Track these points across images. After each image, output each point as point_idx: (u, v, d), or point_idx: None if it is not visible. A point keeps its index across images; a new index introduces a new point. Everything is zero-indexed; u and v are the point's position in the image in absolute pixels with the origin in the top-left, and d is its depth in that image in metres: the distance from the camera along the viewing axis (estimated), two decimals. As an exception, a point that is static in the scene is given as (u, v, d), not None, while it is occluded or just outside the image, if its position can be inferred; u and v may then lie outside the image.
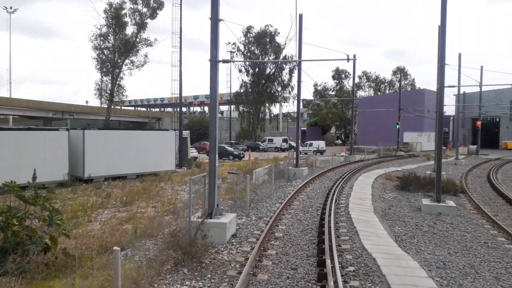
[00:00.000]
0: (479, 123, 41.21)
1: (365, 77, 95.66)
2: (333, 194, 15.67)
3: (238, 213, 13.39)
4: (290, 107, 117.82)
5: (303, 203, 14.74)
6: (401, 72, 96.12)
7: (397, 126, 47.62)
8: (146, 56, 59.27)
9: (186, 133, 32.21)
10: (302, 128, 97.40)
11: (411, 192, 18.82)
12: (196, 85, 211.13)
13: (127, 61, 57.66)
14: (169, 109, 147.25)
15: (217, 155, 10.51)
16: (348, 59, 9.85)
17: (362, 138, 70.80)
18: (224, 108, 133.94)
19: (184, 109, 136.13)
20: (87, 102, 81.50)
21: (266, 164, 31.05)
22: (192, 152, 36.85)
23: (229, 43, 64.98)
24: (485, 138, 76.58)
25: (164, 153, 25.68)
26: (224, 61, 10.43)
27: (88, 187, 20.09)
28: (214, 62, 10.24)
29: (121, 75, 57.94)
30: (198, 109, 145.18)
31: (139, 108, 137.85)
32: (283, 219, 12.08)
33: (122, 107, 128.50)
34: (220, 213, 10.44)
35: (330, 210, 12.71)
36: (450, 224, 12.54)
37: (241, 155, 41.83)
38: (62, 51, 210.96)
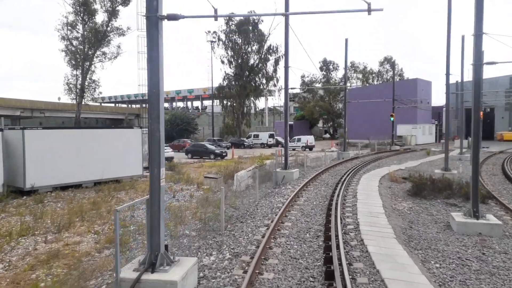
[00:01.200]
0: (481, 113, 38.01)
1: (352, 68, 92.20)
2: (336, 209, 11.95)
3: (209, 242, 9.59)
4: (276, 101, 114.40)
5: (297, 225, 10.96)
6: (392, 62, 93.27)
7: (392, 119, 44.28)
8: (119, 47, 54.90)
9: (158, 131, 28.11)
10: (289, 123, 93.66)
11: (428, 200, 15.24)
12: (182, 78, 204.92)
13: (98, 52, 53.24)
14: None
15: (162, 169, 6.64)
16: (369, 10, 6.04)
17: (352, 132, 67.35)
18: (208, 103, 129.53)
19: (166, 104, 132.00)
20: (59, 98, 76.41)
21: (251, 164, 27.29)
22: (167, 152, 32.84)
23: (209, 31, 60.87)
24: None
25: (129, 155, 21.64)
26: (170, 18, 6.50)
27: (27, 201, 16.02)
28: (154, 19, 6.34)
29: (93, 68, 53.50)
30: (181, 104, 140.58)
31: (120, 105, 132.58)
32: (270, 256, 8.28)
33: (99, 103, 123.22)
34: (170, 260, 6.58)
35: (336, 237, 8.99)
36: (504, 254, 8.92)
37: (224, 154, 37.94)
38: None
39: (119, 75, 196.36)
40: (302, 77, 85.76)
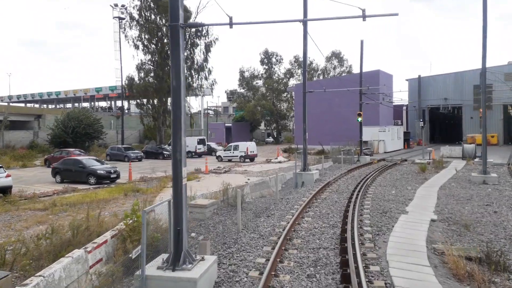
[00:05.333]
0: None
1: (296, 63, 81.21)
2: None
3: None
4: (209, 98, 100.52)
5: None
6: (340, 58, 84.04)
7: (359, 119, 32.87)
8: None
9: None
10: (227, 125, 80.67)
11: None
12: (107, 73, 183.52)
13: None
14: (69, 105, 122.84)
15: None
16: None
17: (301, 136, 56.01)
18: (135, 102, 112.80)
19: (86, 104, 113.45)
20: None
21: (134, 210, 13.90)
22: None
23: (116, 5, 46.23)
24: (443, 131, 65.98)
25: None
26: None
27: None
28: None
29: None
30: (104, 104, 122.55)
31: (34, 104, 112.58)
32: None
33: (6, 103, 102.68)
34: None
35: None
36: None
37: (112, 175, 24.01)
38: None
39: (35, 72, 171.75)
40: (241, 71, 73.32)
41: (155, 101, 48.45)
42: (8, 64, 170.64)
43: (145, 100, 48.98)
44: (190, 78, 50.40)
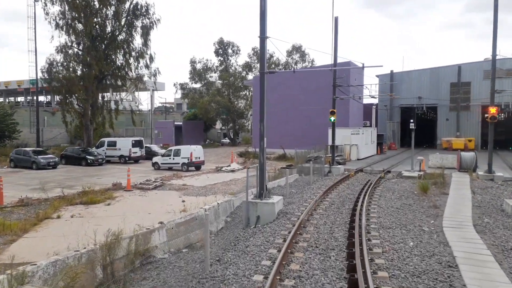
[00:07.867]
0: (493, 109, 20.93)
1: (255, 55, 73.86)
2: None
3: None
4: (160, 93, 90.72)
5: None
6: (301, 52, 77.51)
7: (332, 119, 25.96)
8: None
9: None
10: (177, 123, 72.08)
11: None
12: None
13: None
14: (1, 99, 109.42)
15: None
16: None
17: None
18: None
19: (21, 98, 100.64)
20: None
21: None
22: None
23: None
24: (415, 134, 60.79)
25: None
26: None
27: None
28: None
29: None
30: (42, 98, 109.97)
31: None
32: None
33: None
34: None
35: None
36: None
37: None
38: None
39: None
40: (193, 62, 64.97)
41: (79, 95, 39.53)
42: None
43: (68, 95, 39.87)
44: (126, 66, 41.92)
